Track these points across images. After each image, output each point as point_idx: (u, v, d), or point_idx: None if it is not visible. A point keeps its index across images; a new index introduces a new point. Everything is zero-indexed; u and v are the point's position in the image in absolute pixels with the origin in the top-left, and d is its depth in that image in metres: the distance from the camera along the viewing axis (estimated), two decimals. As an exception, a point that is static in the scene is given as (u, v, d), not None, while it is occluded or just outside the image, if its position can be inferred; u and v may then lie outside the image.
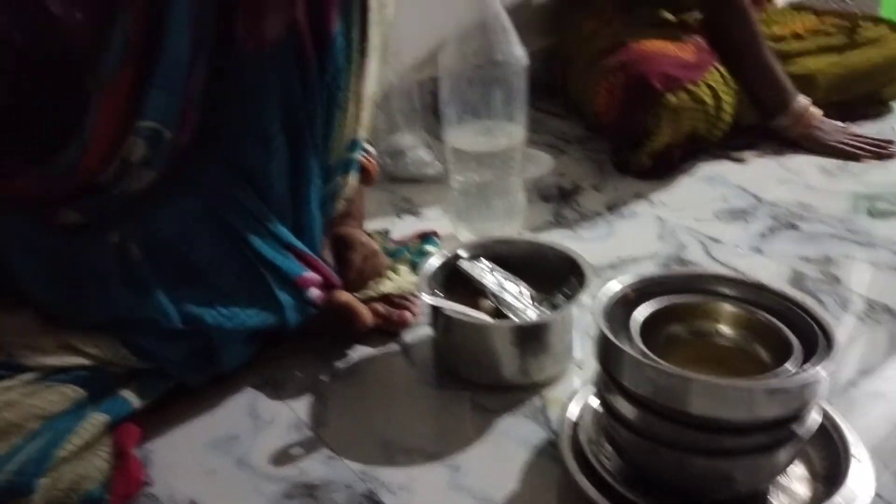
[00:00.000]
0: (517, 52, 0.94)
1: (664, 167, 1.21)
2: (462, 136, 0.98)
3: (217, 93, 0.76)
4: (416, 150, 1.25)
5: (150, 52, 0.70)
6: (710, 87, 1.20)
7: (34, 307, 0.75)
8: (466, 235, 1.03)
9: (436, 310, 0.79)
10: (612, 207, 1.15)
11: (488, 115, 0.97)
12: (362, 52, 0.79)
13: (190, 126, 0.75)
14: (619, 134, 1.24)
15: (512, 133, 0.98)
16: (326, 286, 0.82)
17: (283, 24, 0.74)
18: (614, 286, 0.64)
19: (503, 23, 0.93)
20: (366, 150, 0.87)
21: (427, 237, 1.01)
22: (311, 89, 0.76)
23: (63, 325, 0.74)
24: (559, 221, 1.11)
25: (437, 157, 1.24)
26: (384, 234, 0.99)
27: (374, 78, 0.82)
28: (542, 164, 1.25)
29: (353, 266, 0.86)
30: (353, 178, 0.86)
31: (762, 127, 1.30)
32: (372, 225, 1.03)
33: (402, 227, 1.09)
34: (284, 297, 0.78)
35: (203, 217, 0.76)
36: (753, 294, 0.64)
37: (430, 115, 1.40)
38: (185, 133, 0.74)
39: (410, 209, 1.17)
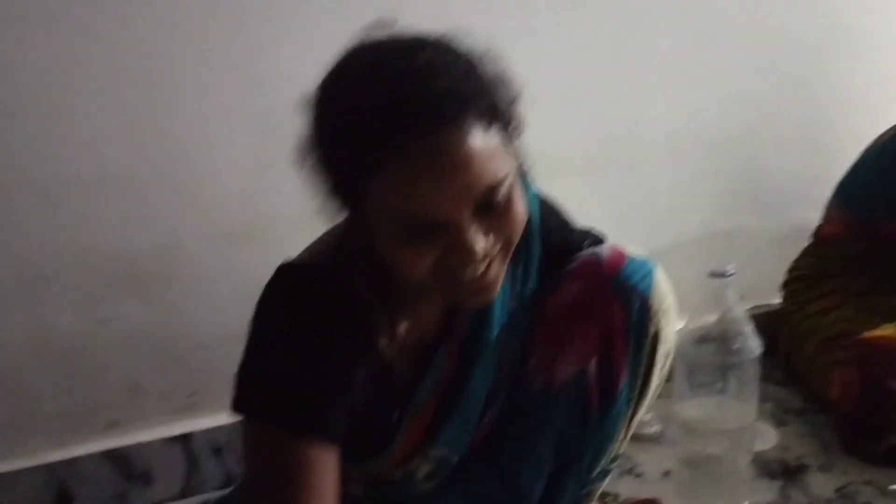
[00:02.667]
0: (752, 344, 1.00)
1: (899, 456, 1.18)
2: (693, 411, 1.04)
3: (500, 421, 0.85)
4: (637, 408, 1.30)
5: (453, 388, 0.80)
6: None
7: None
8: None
9: None
10: (842, 493, 1.12)
11: (720, 393, 1.03)
12: (642, 394, 0.84)
13: (472, 447, 0.84)
14: (854, 424, 1.21)
15: (743, 412, 1.02)
16: None
17: (573, 370, 0.81)
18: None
19: (740, 315, 1.01)
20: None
21: (651, 506, 1.05)
22: (589, 430, 0.82)
23: None
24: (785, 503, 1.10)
25: (655, 416, 1.29)
26: (614, 498, 1.04)
27: (649, 402, 0.87)
28: (767, 438, 1.26)
29: None
30: (607, 481, 0.91)
31: None
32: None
33: (622, 487, 1.13)
34: None
35: None
36: None
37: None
38: (466, 452, 0.84)
39: (630, 468, 1.21)
